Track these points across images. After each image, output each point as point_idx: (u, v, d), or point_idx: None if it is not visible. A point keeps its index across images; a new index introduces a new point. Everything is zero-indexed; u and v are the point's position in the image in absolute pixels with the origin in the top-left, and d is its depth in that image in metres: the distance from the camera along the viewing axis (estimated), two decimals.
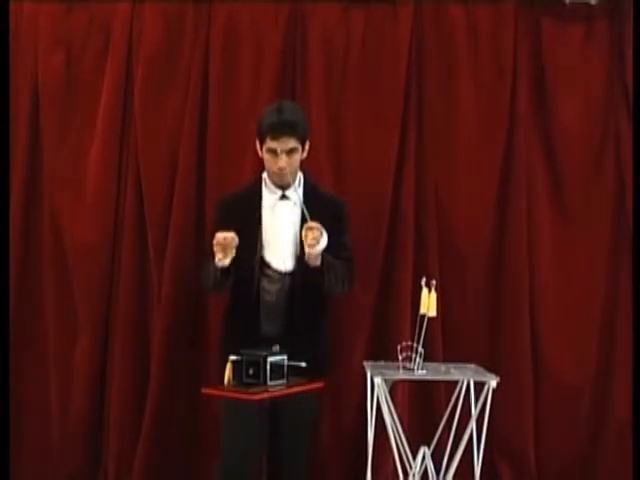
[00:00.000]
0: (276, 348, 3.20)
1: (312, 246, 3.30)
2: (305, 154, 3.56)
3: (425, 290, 3.52)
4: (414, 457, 3.64)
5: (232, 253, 3.32)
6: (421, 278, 3.57)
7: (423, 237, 4.19)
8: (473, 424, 3.54)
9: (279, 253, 3.51)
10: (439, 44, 4.24)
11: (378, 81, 4.21)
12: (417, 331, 3.52)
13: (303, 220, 3.42)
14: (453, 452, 3.66)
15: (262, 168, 3.65)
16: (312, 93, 4.20)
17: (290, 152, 3.46)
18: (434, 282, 3.53)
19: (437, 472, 3.71)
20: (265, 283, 3.52)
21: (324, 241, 3.33)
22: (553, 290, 4.22)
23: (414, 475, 3.61)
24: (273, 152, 3.46)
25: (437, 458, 3.74)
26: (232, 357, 3.17)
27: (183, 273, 4.15)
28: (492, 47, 4.24)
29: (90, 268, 4.21)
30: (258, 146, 3.56)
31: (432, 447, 3.74)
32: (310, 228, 3.30)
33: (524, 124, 4.22)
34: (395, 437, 3.55)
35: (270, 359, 3.11)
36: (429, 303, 3.51)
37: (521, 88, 4.22)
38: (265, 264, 3.52)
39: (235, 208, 3.60)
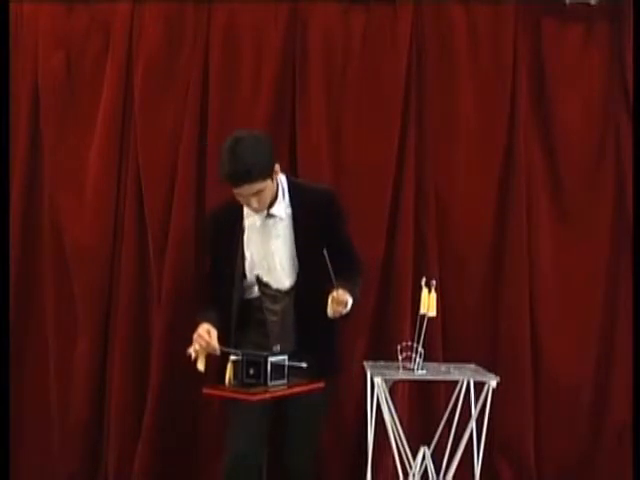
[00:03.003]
0: (277, 348, 3.20)
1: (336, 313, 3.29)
2: (277, 175, 3.43)
3: (425, 290, 3.51)
4: (414, 457, 3.64)
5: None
6: (421, 278, 3.57)
7: (423, 237, 4.19)
8: (473, 424, 3.54)
9: (275, 273, 3.48)
10: (439, 44, 4.24)
11: (378, 81, 4.21)
12: (417, 331, 3.52)
13: (296, 235, 3.44)
14: (453, 452, 3.66)
15: None
16: (312, 93, 4.20)
17: (257, 193, 3.34)
18: (434, 282, 3.52)
19: (437, 472, 3.72)
20: (268, 304, 3.49)
21: (348, 308, 3.29)
22: (553, 290, 4.23)
23: (414, 475, 3.62)
24: (239, 195, 3.36)
25: (437, 458, 3.74)
26: (233, 357, 3.17)
27: (183, 273, 4.15)
28: (492, 47, 4.24)
29: (90, 268, 4.21)
30: None
31: (432, 447, 3.75)
32: (336, 301, 3.23)
33: (524, 124, 4.22)
34: (395, 437, 3.56)
35: (271, 359, 3.11)
36: (429, 303, 3.51)
37: (521, 88, 4.23)
38: (264, 284, 3.50)
39: (220, 225, 3.57)
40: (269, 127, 4.17)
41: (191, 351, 3.29)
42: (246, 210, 3.48)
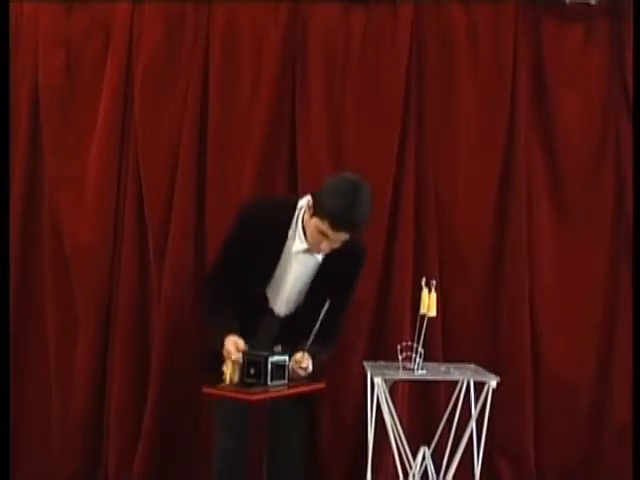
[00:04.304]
0: (278, 348, 3.19)
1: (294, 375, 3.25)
2: None
3: (425, 290, 3.51)
4: (414, 457, 3.64)
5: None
6: (421, 278, 3.57)
7: (423, 237, 4.20)
8: (473, 424, 3.54)
9: (278, 296, 3.45)
10: (439, 44, 4.24)
11: (378, 81, 4.21)
12: (417, 331, 3.52)
13: (317, 277, 3.40)
14: (453, 452, 3.66)
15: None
16: (312, 93, 4.20)
17: (339, 240, 3.28)
18: (434, 282, 3.53)
19: (437, 472, 3.72)
20: (257, 314, 3.45)
21: (305, 374, 3.26)
22: (553, 290, 4.23)
23: (414, 475, 3.62)
24: (323, 234, 3.24)
25: (437, 458, 3.74)
26: (233, 357, 3.16)
27: (183, 273, 4.15)
28: (492, 47, 4.24)
29: (90, 268, 4.20)
30: (310, 205, 3.29)
31: (432, 447, 3.75)
32: (298, 364, 3.22)
33: (524, 124, 4.22)
34: (395, 437, 3.55)
35: (271, 359, 3.10)
36: (429, 303, 3.51)
37: (521, 88, 4.22)
38: (263, 296, 3.46)
39: (258, 233, 3.35)
40: (269, 127, 4.17)
41: (225, 369, 3.19)
42: (291, 231, 3.39)
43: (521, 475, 4.17)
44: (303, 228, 3.35)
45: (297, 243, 3.37)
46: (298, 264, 3.41)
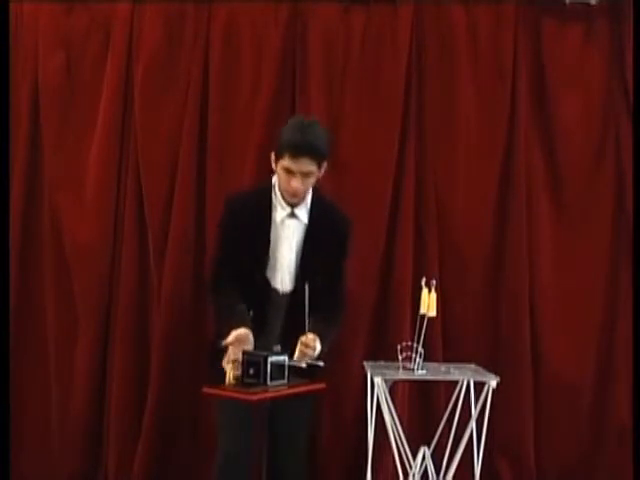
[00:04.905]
0: (277, 348, 3.18)
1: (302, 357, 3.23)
2: (322, 173, 3.39)
3: (425, 290, 3.52)
4: (414, 457, 3.65)
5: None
6: (421, 278, 3.57)
7: (423, 237, 4.20)
8: (473, 424, 3.55)
9: (278, 272, 3.43)
10: (439, 44, 4.25)
11: (378, 81, 4.22)
12: (417, 331, 3.52)
13: (306, 242, 3.40)
14: (453, 452, 3.67)
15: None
16: (312, 93, 4.20)
17: (307, 174, 3.32)
18: (434, 282, 3.53)
19: (437, 472, 3.72)
20: (262, 301, 3.43)
21: (315, 354, 3.23)
22: (553, 290, 4.23)
23: (414, 475, 3.62)
24: (289, 171, 3.31)
25: (437, 458, 3.75)
26: (233, 356, 3.16)
27: (183, 273, 4.15)
28: (492, 47, 4.25)
29: (90, 268, 4.21)
30: (273, 158, 3.37)
31: (432, 447, 3.75)
32: (304, 344, 3.21)
33: (524, 124, 4.23)
34: (395, 437, 3.56)
35: (271, 359, 3.10)
36: (429, 303, 3.52)
37: (521, 88, 4.23)
38: (265, 280, 3.43)
39: (245, 216, 3.42)
40: (269, 127, 4.17)
41: (226, 365, 3.15)
42: (274, 204, 3.42)
43: (521, 475, 4.17)
44: (282, 195, 3.40)
45: (280, 211, 3.42)
46: (286, 232, 3.42)
